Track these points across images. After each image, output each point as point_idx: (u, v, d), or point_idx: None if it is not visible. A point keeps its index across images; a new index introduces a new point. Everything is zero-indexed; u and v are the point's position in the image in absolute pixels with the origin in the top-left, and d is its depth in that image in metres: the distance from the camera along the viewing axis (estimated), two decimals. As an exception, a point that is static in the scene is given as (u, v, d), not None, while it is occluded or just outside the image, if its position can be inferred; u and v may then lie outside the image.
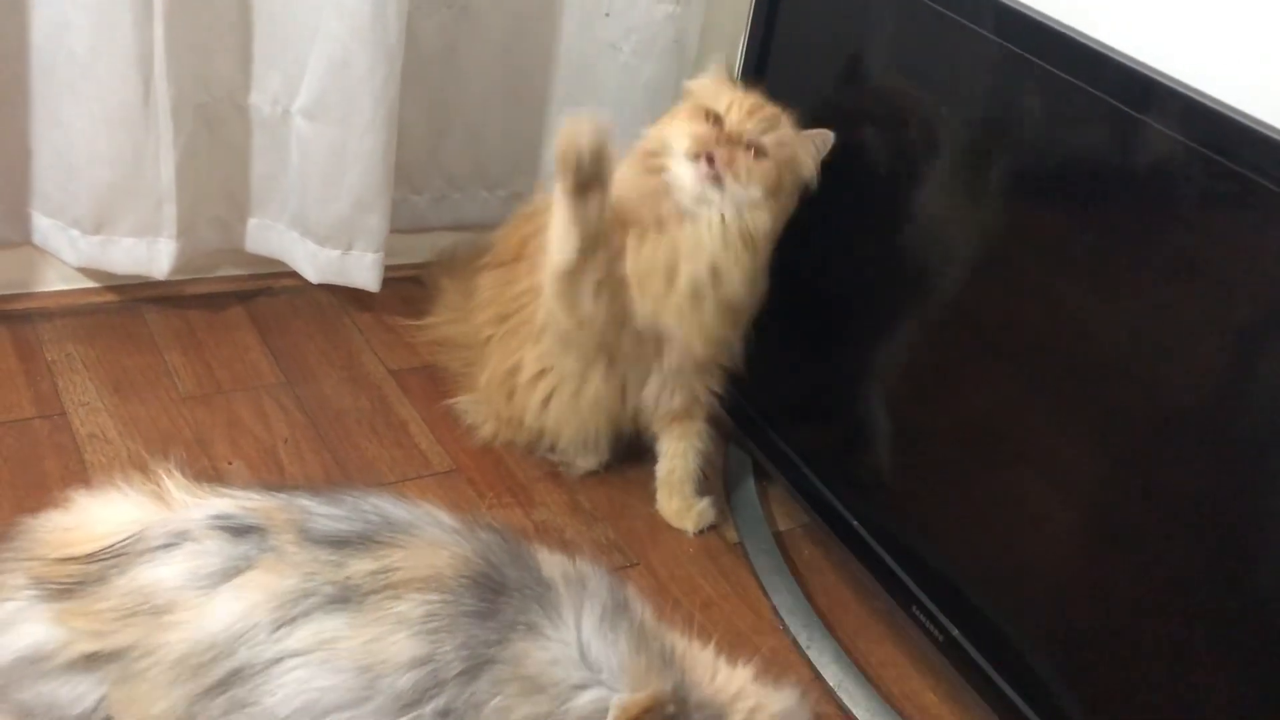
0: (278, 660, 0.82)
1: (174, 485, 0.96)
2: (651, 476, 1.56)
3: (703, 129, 1.32)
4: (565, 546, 1.43)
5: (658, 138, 1.37)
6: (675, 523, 1.52)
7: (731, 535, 1.53)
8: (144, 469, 0.97)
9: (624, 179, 1.35)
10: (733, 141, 1.31)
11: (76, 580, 0.89)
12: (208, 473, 1.43)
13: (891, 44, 1.35)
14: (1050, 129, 1.13)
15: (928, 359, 1.33)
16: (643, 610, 0.93)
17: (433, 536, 0.89)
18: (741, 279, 1.36)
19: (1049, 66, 1.09)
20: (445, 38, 1.73)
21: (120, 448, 1.44)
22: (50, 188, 1.57)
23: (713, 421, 1.54)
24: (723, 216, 1.33)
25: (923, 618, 1.28)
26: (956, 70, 1.24)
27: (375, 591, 0.85)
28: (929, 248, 1.30)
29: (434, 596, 0.85)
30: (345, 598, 0.84)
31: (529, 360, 1.50)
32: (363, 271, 1.71)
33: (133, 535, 0.89)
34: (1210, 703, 1.04)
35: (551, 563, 0.93)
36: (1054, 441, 1.16)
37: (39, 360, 1.56)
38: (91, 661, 0.87)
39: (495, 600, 0.86)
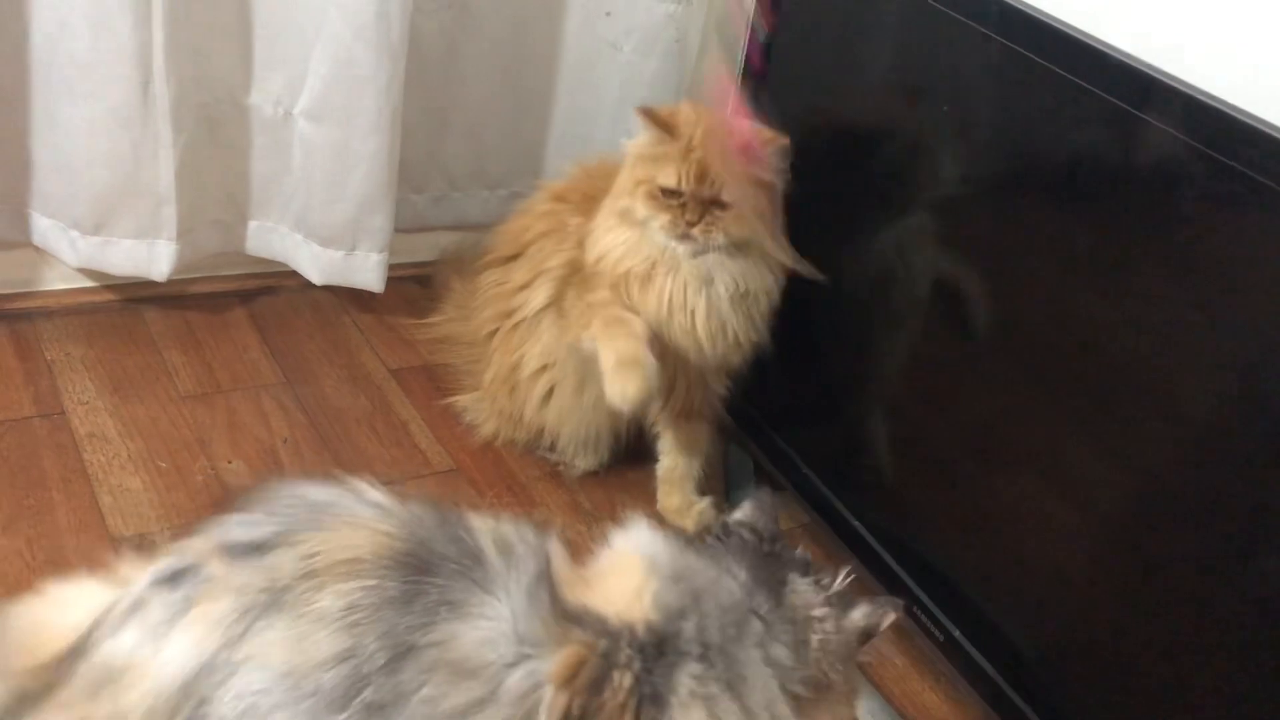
0: (227, 679, 0.82)
1: (129, 567, 0.93)
2: (651, 477, 1.55)
3: (667, 214, 1.34)
4: (564, 546, 1.44)
5: (630, 209, 1.37)
6: (675, 521, 1.52)
7: (732, 535, 1.53)
8: (104, 561, 0.96)
9: (613, 233, 1.39)
10: (698, 210, 1.32)
11: (49, 683, 0.87)
12: (207, 473, 1.43)
13: (893, 42, 1.34)
14: (1053, 128, 1.12)
15: (929, 359, 1.32)
16: (560, 563, 0.90)
17: (352, 515, 0.87)
18: (750, 286, 1.39)
19: (1051, 65, 1.08)
20: (446, 38, 1.73)
21: (120, 447, 1.44)
22: (50, 188, 1.57)
23: (714, 421, 1.54)
24: (728, 255, 1.36)
25: (923, 618, 1.28)
26: (958, 69, 1.23)
27: (299, 582, 0.83)
28: (931, 248, 1.30)
29: (354, 585, 0.82)
30: (277, 600, 0.82)
31: (530, 356, 1.50)
32: (367, 272, 1.71)
33: (92, 624, 0.88)
34: (1210, 703, 1.03)
35: (483, 531, 0.89)
36: (1055, 442, 1.16)
37: (39, 359, 1.56)
38: None
39: (420, 581, 0.83)
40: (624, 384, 1.29)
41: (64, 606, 0.92)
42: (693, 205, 1.32)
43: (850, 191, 1.39)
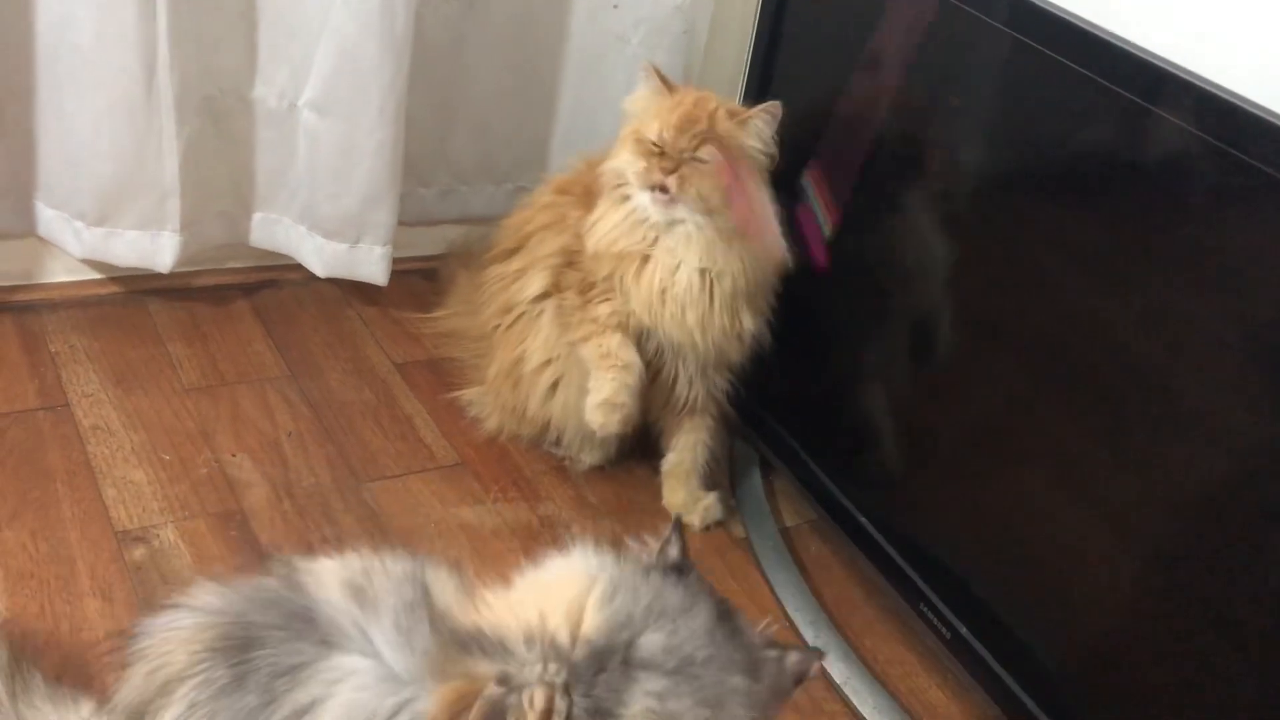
0: None
1: None
2: (657, 472, 1.55)
3: (644, 162, 1.36)
4: (570, 541, 1.43)
5: (614, 171, 1.40)
6: (681, 515, 1.51)
7: (738, 531, 1.52)
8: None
9: (605, 218, 1.40)
10: (675, 162, 1.34)
11: None
12: (210, 466, 1.43)
13: (901, 35, 1.33)
14: (1062, 122, 1.11)
15: (936, 355, 1.32)
16: (447, 590, 0.83)
17: (163, 631, 0.82)
18: (740, 269, 1.38)
19: (1061, 58, 1.07)
20: (452, 30, 1.72)
21: (124, 439, 1.44)
22: (54, 179, 1.56)
23: (720, 416, 1.53)
24: (695, 225, 1.36)
25: (930, 615, 1.27)
26: (967, 62, 1.22)
27: (146, 709, 0.79)
28: (938, 242, 1.29)
29: (187, 689, 0.77)
30: None
31: (533, 350, 1.50)
32: (371, 265, 1.71)
33: None
34: (1218, 701, 1.02)
35: (323, 581, 0.82)
36: (1064, 438, 1.15)
37: (43, 351, 1.56)
38: None
39: (246, 660, 0.76)
40: (604, 420, 1.40)
41: None
42: (672, 155, 1.34)
43: (859, 186, 1.38)
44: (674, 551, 0.88)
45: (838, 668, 1.32)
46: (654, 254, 1.39)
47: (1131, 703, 1.11)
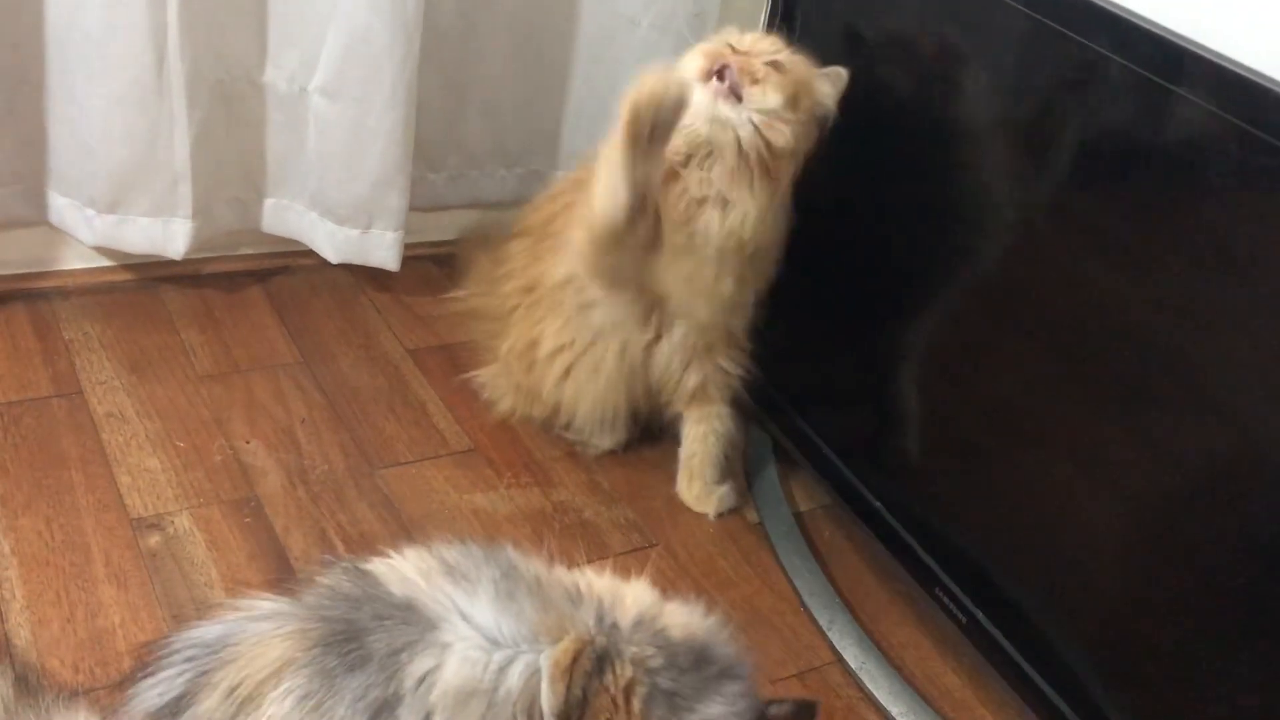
0: None
1: None
2: (670, 456, 1.54)
3: (715, 48, 1.30)
4: (583, 527, 1.43)
5: (670, 78, 1.26)
6: (695, 507, 1.51)
7: (752, 516, 1.52)
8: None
9: None
10: (744, 55, 1.28)
11: None
12: (225, 453, 1.43)
13: (917, 15, 1.32)
14: (1084, 102, 1.10)
15: (953, 338, 1.31)
16: (530, 564, 0.89)
17: (255, 633, 0.84)
18: (757, 214, 1.31)
19: (1078, 36, 1.06)
20: (463, 14, 1.72)
21: (138, 427, 1.44)
22: (66, 166, 1.56)
23: (734, 402, 1.52)
24: (739, 137, 1.28)
25: (945, 600, 1.27)
26: (986, 39, 1.21)
27: (235, 716, 0.80)
28: (956, 223, 1.28)
29: (296, 680, 0.80)
30: None
31: (550, 333, 1.49)
32: (382, 250, 1.70)
33: None
34: (1236, 686, 1.02)
35: (403, 575, 0.86)
36: (1082, 423, 1.14)
37: (56, 339, 1.56)
38: None
39: (359, 647, 0.81)
40: (599, 209, 1.28)
41: None
42: (744, 51, 1.28)
43: (874, 167, 1.37)
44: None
45: (852, 653, 1.32)
46: (679, 173, 1.30)
47: (1150, 688, 1.10)
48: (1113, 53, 1.03)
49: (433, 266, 1.86)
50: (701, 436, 1.51)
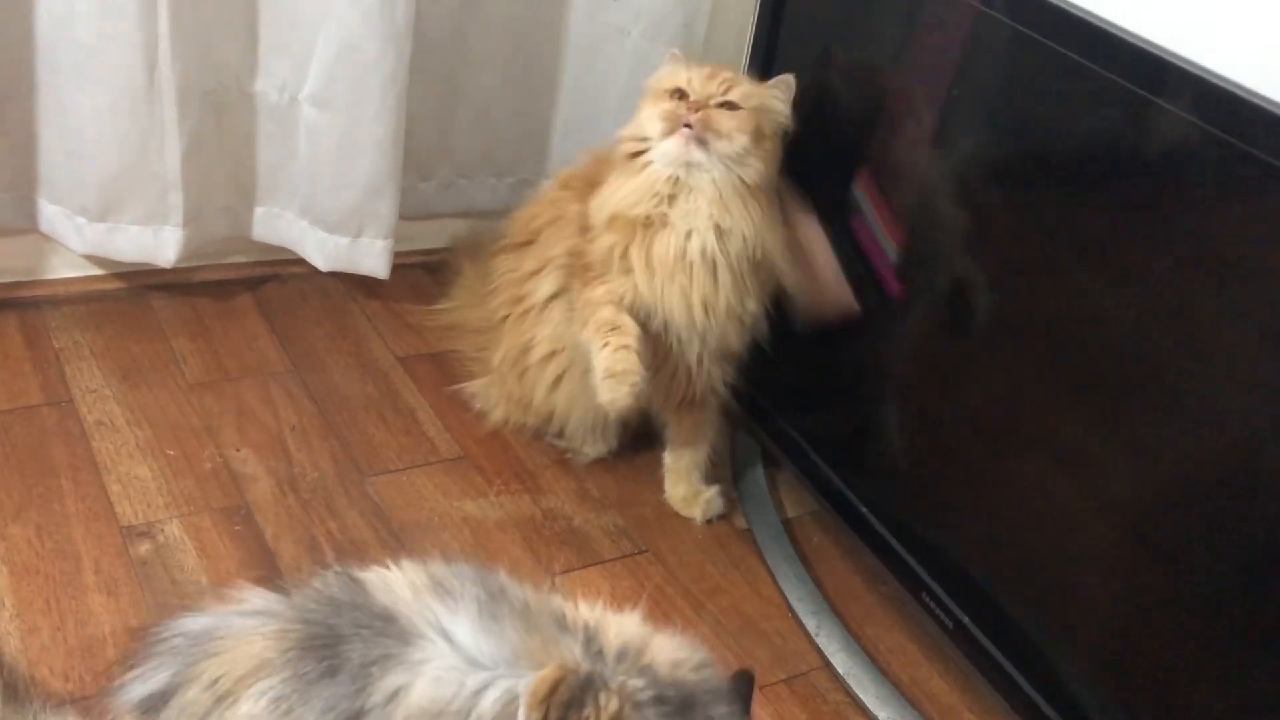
0: None
1: None
2: (660, 464, 1.55)
3: (670, 105, 1.35)
4: (572, 534, 1.44)
5: (631, 134, 1.39)
6: (682, 511, 1.51)
7: (740, 522, 1.52)
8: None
9: (618, 188, 1.38)
10: (702, 106, 1.34)
11: None
12: (215, 461, 1.43)
13: (902, 26, 1.33)
14: (1064, 114, 1.11)
15: (938, 345, 1.32)
16: (521, 589, 0.88)
17: (239, 629, 0.84)
18: (752, 232, 1.36)
19: (1063, 49, 1.07)
20: (453, 23, 1.72)
21: (128, 435, 1.44)
22: (56, 174, 1.56)
23: (721, 409, 1.53)
24: (714, 178, 1.34)
25: (932, 604, 1.27)
26: (967, 52, 1.22)
27: (213, 709, 0.81)
28: (939, 232, 1.29)
29: (271, 681, 0.80)
30: None
31: (540, 341, 1.50)
32: (372, 259, 1.71)
33: None
34: (1221, 690, 1.03)
35: (391, 586, 0.86)
36: (1066, 428, 1.15)
37: (47, 347, 1.56)
38: None
39: (335, 654, 0.81)
40: (613, 395, 1.33)
41: None
42: (699, 100, 1.34)
43: (858, 177, 1.38)
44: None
45: (840, 658, 1.33)
46: (667, 216, 1.35)
47: (1133, 691, 1.11)
48: (1095, 64, 1.04)
49: (423, 274, 1.86)
50: (689, 440, 1.52)
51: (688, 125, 1.32)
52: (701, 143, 1.33)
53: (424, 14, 1.63)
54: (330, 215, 1.68)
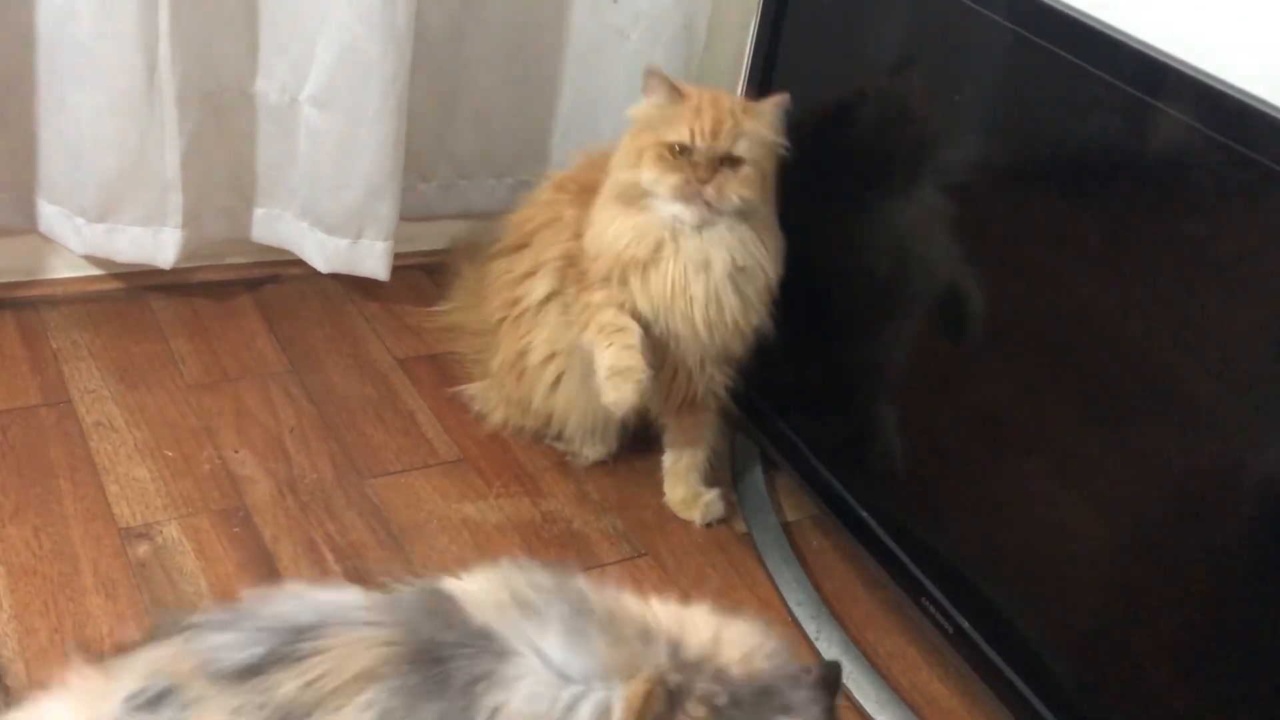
0: None
1: (81, 679, 0.90)
2: (659, 467, 1.55)
3: (678, 174, 1.33)
4: (572, 537, 1.44)
5: (630, 181, 1.36)
6: (682, 514, 1.51)
7: (740, 526, 1.52)
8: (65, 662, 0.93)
9: (614, 223, 1.37)
10: (709, 169, 1.32)
11: None
12: (213, 462, 1.43)
13: (904, 28, 1.33)
14: (1062, 116, 1.11)
15: (939, 349, 1.32)
16: (600, 595, 0.89)
17: (350, 632, 0.84)
18: (767, 262, 1.39)
19: (1063, 52, 1.07)
20: (453, 24, 1.72)
21: (126, 436, 1.44)
22: (56, 175, 1.56)
23: (721, 412, 1.53)
24: (727, 229, 1.35)
25: (932, 609, 1.27)
26: (969, 56, 1.22)
27: (315, 707, 0.81)
28: (940, 236, 1.29)
29: (380, 693, 0.80)
30: None
31: (538, 343, 1.50)
32: (372, 260, 1.71)
33: None
34: (1220, 695, 1.03)
35: (483, 602, 0.87)
36: (1066, 432, 1.15)
37: (45, 347, 1.56)
38: None
39: (442, 668, 0.82)
40: (618, 393, 1.33)
41: None
42: (705, 163, 1.31)
43: (860, 178, 1.38)
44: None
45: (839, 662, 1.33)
46: (668, 256, 1.36)
47: (1133, 696, 1.11)
48: (1096, 69, 1.04)
49: (422, 276, 1.86)
50: (688, 442, 1.52)
51: (699, 196, 1.32)
52: (714, 208, 1.33)
53: (424, 15, 1.63)
54: (330, 217, 1.67)
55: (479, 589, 0.88)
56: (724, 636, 0.88)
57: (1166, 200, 1.03)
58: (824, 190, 1.41)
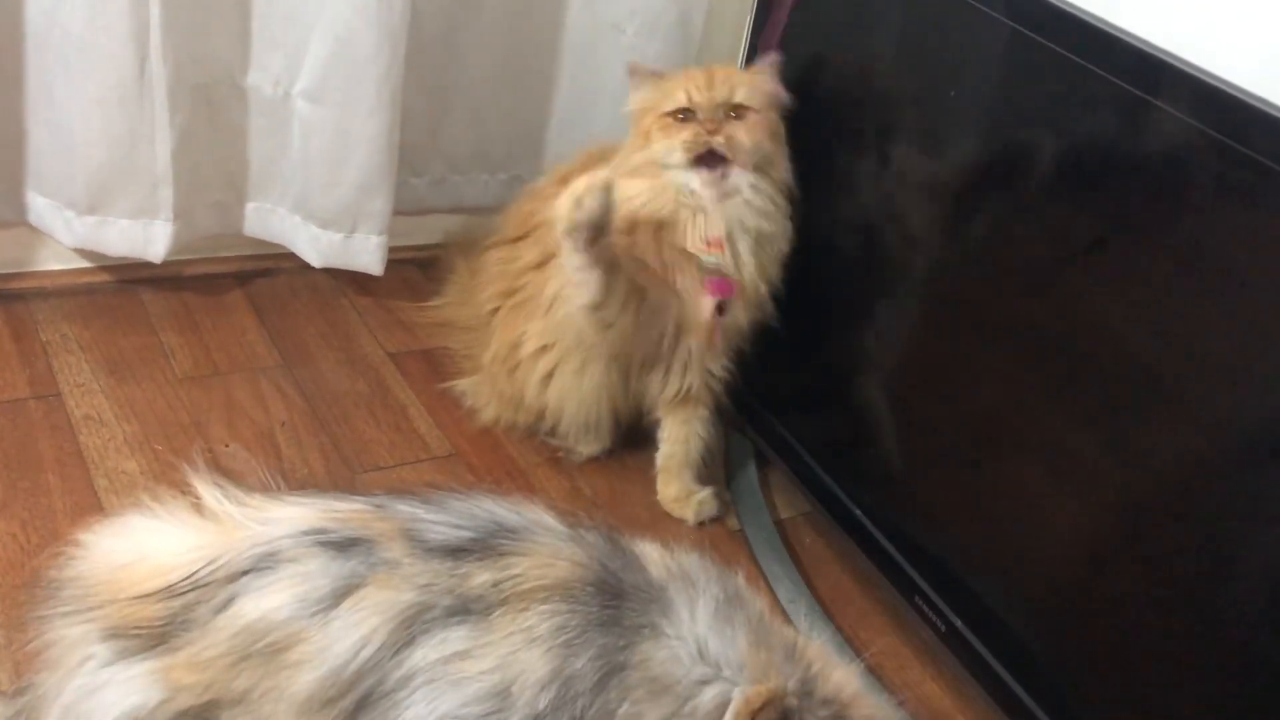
0: (406, 681, 0.80)
1: (221, 498, 0.89)
2: (652, 464, 1.54)
3: (684, 132, 1.32)
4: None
5: (647, 161, 1.36)
6: (675, 512, 1.51)
7: (733, 523, 1.52)
8: (167, 481, 0.91)
9: (625, 188, 1.35)
10: (714, 121, 1.31)
11: (163, 623, 0.80)
12: (204, 456, 1.42)
13: (900, 24, 1.33)
14: (1062, 114, 1.11)
15: (933, 347, 1.31)
16: (759, 603, 0.91)
17: (549, 543, 0.87)
18: (783, 229, 1.39)
19: (1063, 50, 1.07)
20: (447, 18, 1.71)
21: (116, 430, 1.43)
22: (45, 167, 1.55)
23: (715, 409, 1.53)
24: (746, 199, 1.35)
25: (925, 608, 1.27)
26: (967, 52, 1.22)
27: (499, 604, 0.82)
28: (936, 234, 1.29)
29: (561, 606, 0.83)
30: (465, 609, 0.81)
31: (532, 335, 1.49)
32: (366, 255, 1.70)
33: (210, 562, 0.82)
34: (1211, 697, 1.02)
35: (655, 560, 0.90)
36: (1061, 432, 1.15)
37: (34, 340, 1.55)
38: (205, 712, 0.80)
39: (618, 606, 0.85)
40: (569, 208, 1.26)
41: (155, 534, 0.87)
42: (709, 117, 1.31)
43: (855, 174, 1.37)
44: None
45: (832, 660, 1.32)
46: (687, 218, 1.35)
47: (1126, 696, 1.11)
48: (1098, 67, 1.04)
49: (414, 270, 1.85)
50: (682, 439, 1.52)
51: (711, 156, 1.30)
52: (729, 174, 1.32)
53: (418, 9, 1.62)
54: (323, 211, 1.66)
55: (653, 551, 0.91)
56: (862, 699, 0.89)
57: (1164, 198, 1.03)
58: (819, 185, 1.40)
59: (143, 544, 0.87)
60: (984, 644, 1.21)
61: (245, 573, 0.82)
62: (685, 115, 1.33)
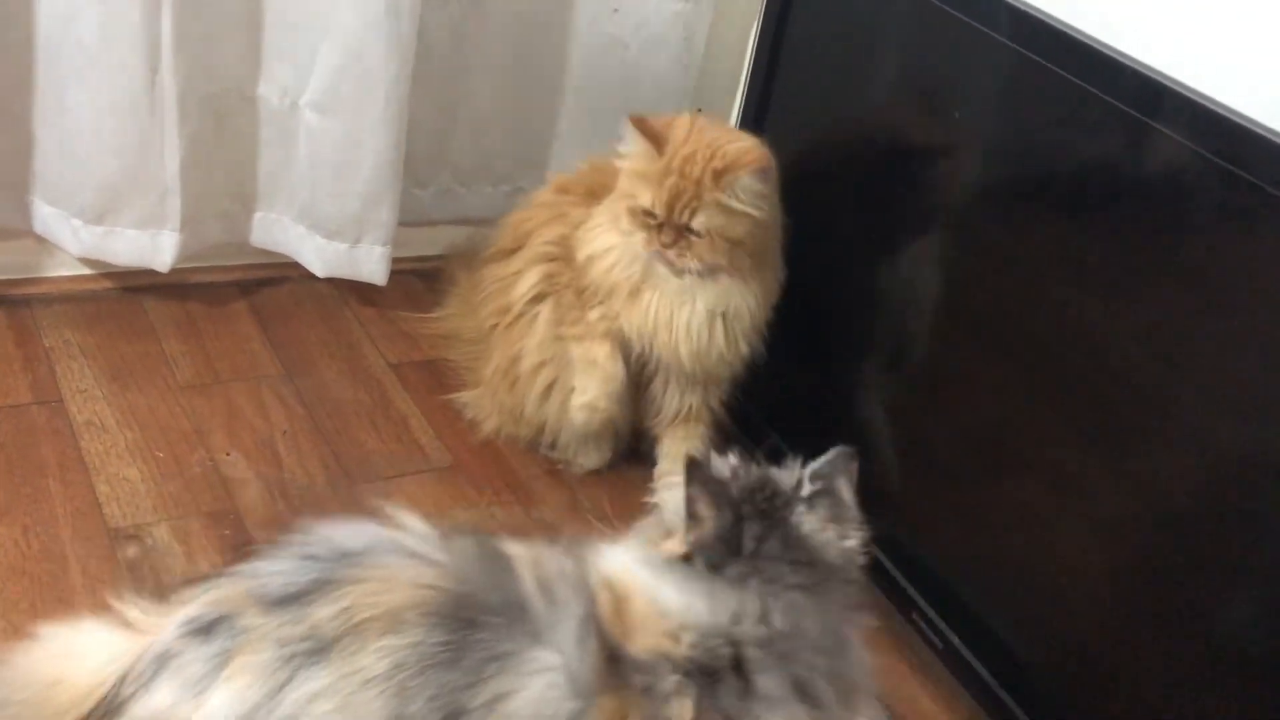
0: None
1: (139, 611, 0.93)
2: (651, 478, 1.54)
3: (644, 232, 1.36)
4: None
5: (619, 220, 1.39)
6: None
7: (731, 538, 1.52)
8: (103, 605, 0.95)
9: (602, 235, 1.40)
10: (671, 234, 1.34)
11: None
12: (204, 464, 1.43)
13: (903, 46, 1.34)
14: (1065, 136, 1.12)
15: (932, 365, 1.32)
16: (600, 598, 0.88)
17: (391, 565, 0.84)
18: (755, 303, 1.40)
19: (1063, 72, 1.08)
20: (455, 32, 1.73)
21: (117, 436, 1.43)
22: (54, 176, 1.56)
23: (712, 425, 1.53)
24: (699, 285, 1.38)
25: (922, 625, 1.27)
26: (969, 74, 1.23)
27: (341, 637, 0.81)
28: (935, 252, 1.29)
29: (397, 641, 0.81)
30: (320, 649, 0.81)
31: (530, 349, 1.50)
32: (371, 265, 1.71)
33: (119, 678, 0.87)
34: (1208, 713, 1.03)
35: (525, 571, 0.87)
36: (1059, 450, 1.15)
37: (37, 346, 1.55)
38: None
39: (465, 636, 0.81)
40: (585, 420, 1.45)
41: (76, 656, 0.90)
42: (667, 230, 1.34)
43: (856, 194, 1.38)
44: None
45: (829, 676, 1.32)
46: (652, 287, 1.39)
47: (1124, 716, 1.11)
48: (1099, 90, 1.04)
49: (417, 281, 1.86)
50: (680, 455, 1.51)
51: (665, 259, 1.35)
52: (686, 269, 1.35)
53: (425, 23, 1.63)
54: (329, 221, 1.67)
55: (530, 556, 0.88)
56: (649, 617, 0.87)
57: (1164, 221, 1.04)
58: (819, 206, 1.41)
59: (71, 666, 0.90)
60: (981, 662, 1.21)
61: (144, 681, 0.85)
62: (650, 215, 1.34)
